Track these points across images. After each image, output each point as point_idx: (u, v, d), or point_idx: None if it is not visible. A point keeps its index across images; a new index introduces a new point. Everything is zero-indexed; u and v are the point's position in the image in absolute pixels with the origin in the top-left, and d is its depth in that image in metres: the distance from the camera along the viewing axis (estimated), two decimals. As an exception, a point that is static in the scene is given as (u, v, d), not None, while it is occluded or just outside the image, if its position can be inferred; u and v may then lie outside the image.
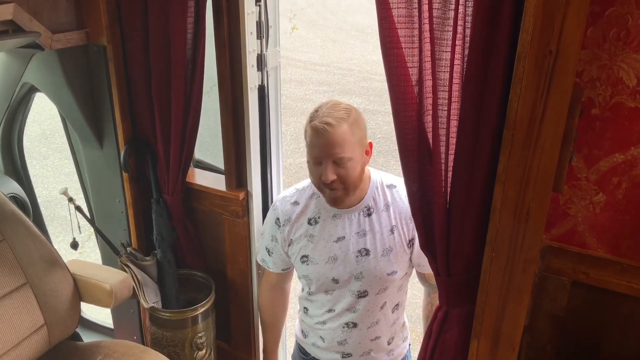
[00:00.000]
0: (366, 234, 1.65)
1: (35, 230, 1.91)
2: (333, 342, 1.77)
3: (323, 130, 1.51)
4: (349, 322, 1.72)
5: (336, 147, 1.52)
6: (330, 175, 1.55)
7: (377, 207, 1.65)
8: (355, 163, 1.56)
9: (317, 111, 1.56)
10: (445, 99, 1.28)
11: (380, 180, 1.67)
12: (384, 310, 1.72)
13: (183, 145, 1.98)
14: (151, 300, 2.10)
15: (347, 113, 1.54)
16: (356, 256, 1.65)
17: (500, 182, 1.16)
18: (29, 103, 2.37)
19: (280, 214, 1.73)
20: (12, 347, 1.79)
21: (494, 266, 1.25)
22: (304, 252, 1.70)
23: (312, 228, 1.68)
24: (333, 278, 1.68)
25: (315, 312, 1.78)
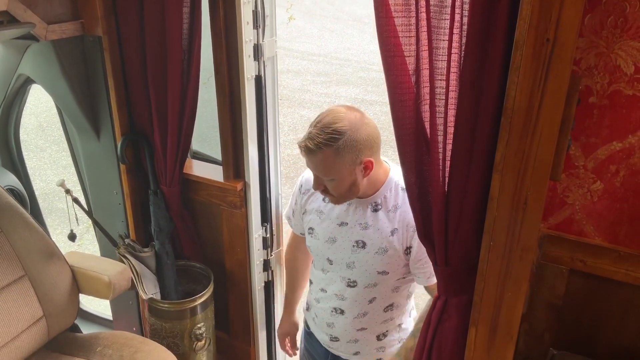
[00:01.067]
0: (368, 228, 1.64)
1: (32, 223, 1.91)
2: (323, 323, 1.80)
3: (305, 151, 1.52)
4: (337, 308, 1.73)
5: (315, 168, 1.55)
6: (316, 187, 1.60)
7: (386, 205, 1.64)
8: (341, 181, 1.54)
9: (313, 123, 1.52)
10: (443, 87, 1.28)
11: (397, 181, 1.64)
12: (373, 305, 1.71)
13: (180, 136, 1.97)
14: (150, 291, 2.10)
15: (338, 136, 1.47)
16: (352, 245, 1.65)
17: (498, 171, 1.16)
18: (25, 95, 2.36)
19: (305, 182, 1.76)
20: (12, 339, 1.79)
21: (491, 255, 1.25)
22: (311, 224, 1.73)
23: (324, 205, 1.71)
24: (328, 258, 1.70)
25: (313, 288, 1.82)
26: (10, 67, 2.12)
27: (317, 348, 1.89)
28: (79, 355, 1.90)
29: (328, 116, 1.51)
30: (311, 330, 1.90)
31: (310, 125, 1.53)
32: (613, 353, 1.44)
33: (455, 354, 1.48)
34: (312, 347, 1.92)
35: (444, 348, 1.52)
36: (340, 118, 1.50)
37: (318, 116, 1.53)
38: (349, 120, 1.49)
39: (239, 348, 2.40)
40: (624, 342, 1.41)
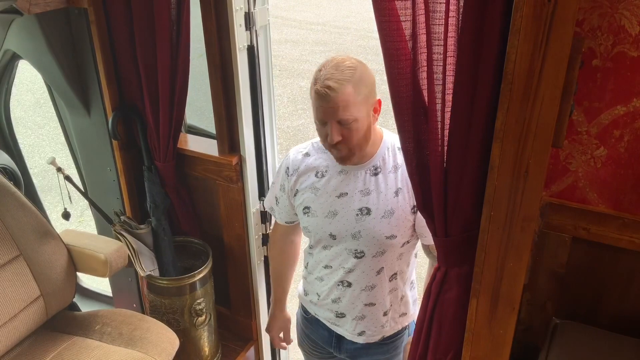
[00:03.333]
0: (370, 193, 1.62)
1: (25, 202, 1.88)
2: (328, 300, 1.76)
3: (325, 94, 1.48)
4: (344, 281, 1.71)
5: (339, 110, 1.49)
6: (335, 137, 1.53)
7: (385, 167, 1.62)
8: (361, 123, 1.53)
9: (320, 71, 1.51)
10: (440, 53, 1.23)
11: (392, 142, 1.64)
12: (381, 276, 1.69)
13: (172, 110, 1.93)
14: (148, 268, 2.08)
15: (352, 72, 1.49)
16: (356, 214, 1.62)
17: (498, 139, 1.13)
18: (13, 71, 2.31)
19: (291, 163, 1.72)
20: (9, 319, 1.78)
21: (492, 225, 1.22)
22: (306, 203, 1.69)
23: (318, 181, 1.67)
24: (331, 233, 1.66)
25: (313, 268, 1.78)
26: (-5, 43, 2.07)
27: (320, 331, 1.87)
28: (78, 334, 1.89)
29: (333, 60, 1.53)
30: (311, 313, 1.87)
31: (317, 74, 1.52)
32: (616, 321, 1.42)
33: (456, 325, 1.46)
34: (313, 332, 1.90)
35: (444, 319, 1.50)
36: (346, 58, 1.53)
37: (321, 66, 1.53)
38: (354, 60, 1.53)
39: (240, 322, 2.39)
40: (627, 310, 1.40)
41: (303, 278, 1.88)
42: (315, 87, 1.50)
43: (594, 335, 1.40)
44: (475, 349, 1.35)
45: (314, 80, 1.52)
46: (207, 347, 2.23)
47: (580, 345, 1.37)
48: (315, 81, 1.51)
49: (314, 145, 1.72)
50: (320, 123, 1.55)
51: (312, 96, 1.53)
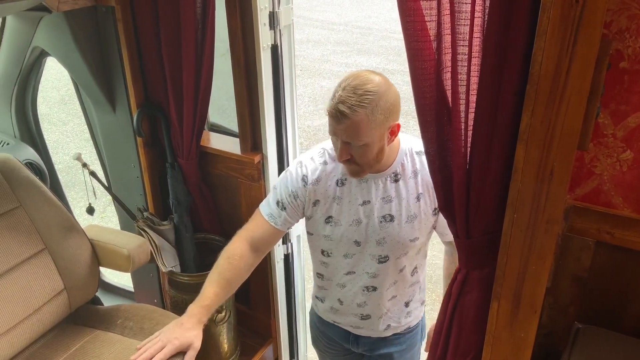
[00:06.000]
0: (392, 200, 1.61)
1: (51, 196, 1.91)
2: (352, 304, 1.75)
3: (335, 116, 1.46)
4: (369, 286, 1.70)
5: (348, 134, 1.47)
6: (342, 155, 1.51)
7: (405, 173, 1.61)
8: (370, 147, 1.50)
9: (340, 86, 1.47)
10: (465, 54, 1.22)
11: (410, 147, 1.62)
12: (403, 272, 1.71)
13: (196, 108, 1.95)
14: (169, 264, 2.11)
15: (370, 98, 1.44)
16: (380, 221, 1.62)
17: (523, 141, 1.12)
18: (41, 68, 2.35)
19: (309, 172, 1.66)
20: (33, 311, 1.81)
21: (515, 227, 1.21)
22: (329, 212, 1.66)
23: (340, 189, 1.64)
24: (355, 240, 1.65)
25: (332, 276, 1.76)
26: (25, 40, 2.11)
27: (338, 329, 1.87)
28: (101, 328, 1.92)
29: (356, 79, 1.46)
30: (328, 320, 1.86)
31: (336, 91, 1.47)
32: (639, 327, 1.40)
33: (476, 327, 1.45)
34: (330, 329, 1.89)
35: (464, 321, 1.49)
36: (369, 80, 1.46)
37: (343, 81, 1.48)
38: (377, 82, 1.46)
39: (259, 320, 2.41)
40: (652, 316, 1.37)
41: (318, 287, 1.85)
42: (330, 104, 1.47)
43: (616, 340, 1.38)
44: (496, 352, 1.34)
45: (332, 94, 1.48)
46: (226, 343, 2.24)
47: (603, 350, 1.36)
48: (332, 97, 1.47)
49: (329, 153, 1.67)
50: (332, 136, 1.53)
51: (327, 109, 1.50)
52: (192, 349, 1.63)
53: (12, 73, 2.32)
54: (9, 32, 2.18)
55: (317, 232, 1.71)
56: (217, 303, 1.68)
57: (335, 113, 1.45)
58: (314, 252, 1.77)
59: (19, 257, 1.82)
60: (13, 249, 1.81)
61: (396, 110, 1.50)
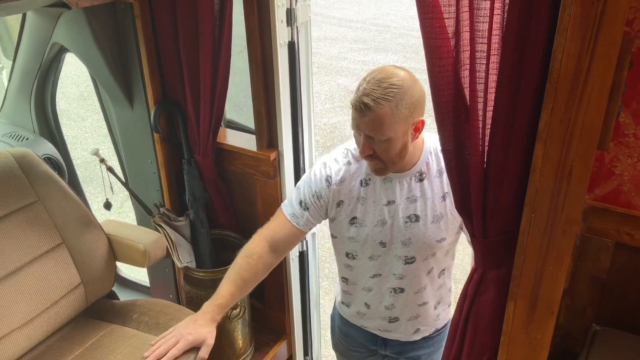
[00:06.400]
0: (417, 200, 1.59)
1: (69, 191, 1.93)
2: (380, 307, 1.74)
3: (359, 109, 1.44)
4: (396, 288, 1.68)
5: (371, 128, 1.46)
6: (365, 150, 1.50)
7: (430, 173, 1.59)
8: (394, 143, 1.48)
9: (365, 80, 1.46)
10: (484, 51, 1.21)
11: (435, 146, 1.59)
12: (431, 275, 1.68)
13: (213, 105, 1.96)
14: (185, 260, 2.12)
15: (394, 91, 1.42)
16: (405, 222, 1.60)
17: (542, 140, 1.10)
18: (60, 64, 2.37)
19: (333, 172, 1.64)
20: (50, 305, 1.83)
21: (532, 227, 1.20)
22: (353, 213, 1.65)
23: (364, 190, 1.63)
24: (381, 241, 1.63)
25: (358, 279, 1.74)
26: (44, 36, 2.13)
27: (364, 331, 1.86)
28: (116, 322, 1.94)
29: (381, 73, 1.45)
30: (357, 325, 1.85)
31: (360, 84, 1.46)
32: (660, 330, 1.38)
33: (492, 327, 1.44)
34: (355, 331, 1.88)
35: (480, 321, 1.48)
36: (394, 74, 1.45)
37: (368, 75, 1.47)
38: (402, 77, 1.45)
39: (273, 316, 2.41)
40: (671, 319, 1.35)
41: (343, 292, 1.83)
42: (354, 97, 1.46)
43: (634, 343, 1.36)
44: (511, 352, 1.33)
45: (356, 88, 1.47)
46: (240, 339, 2.25)
47: (620, 353, 1.34)
48: (356, 91, 1.46)
49: (353, 153, 1.66)
50: (355, 131, 1.52)
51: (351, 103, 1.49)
52: (205, 346, 1.64)
53: (32, 69, 2.35)
54: (29, 28, 2.21)
55: (342, 234, 1.69)
56: (232, 302, 1.69)
57: (359, 105, 1.44)
58: (339, 255, 1.75)
59: (37, 251, 1.84)
60: (31, 243, 1.83)
61: (421, 106, 1.49)
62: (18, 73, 2.42)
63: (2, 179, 1.81)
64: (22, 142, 2.45)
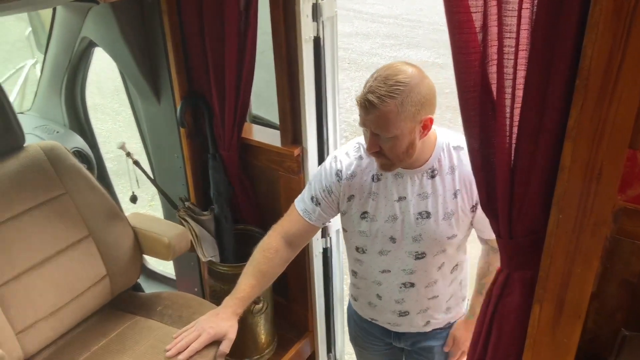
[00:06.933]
0: (428, 197, 1.58)
1: (96, 184, 1.96)
2: (390, 301, 1.73)
3: (364, 106, 1.43)
4: (406, 282, 1.68)
5: (376, 125, 1.45)
6: (371, 147, 1.49)
7: (442, 169, 1.57)
8: (400, 140, 1.46)
9: (372, 76, 1.45)
10: (512, 46, 1.17)
11: (447, 142, 1.58)
12: (442, 270, 1.67)
13: (237, 100, 1.96)
14: (209, 254, 2.13)
15: (401, 88, 1.41)
16: (416, 218, 1.59)
17: (571, 138, 1.07)
18: (89, 58, 2.41)
19: (344, 167, 1.64)
20: (76, 296, 1.86)
21: (560, 229, 1.17)
22: (364, 208, 1.64)
23: (375, 185, 1.62)
24: (391, 237, 1.63)
25: (367, 274, 1.74)
26: (74, 30, 2.16)
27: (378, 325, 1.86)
28: (141, 314, 1.96)
29: (388, 70, 1.44)
30: (367, 318, 1.86)
31: (367, 81, 1.45)
32: (693, 338, 1.33)
33: (517, 330, 1.41)
34: (370, 325, 1.88)
35: (504, 324, 1.45)
36: (402, 71, 1.43)
37: (375, 72, 1.46)
38: (410, 73, 1.43)
39: (297, 313, 2.41)
40: None
41: (353, 285, 1.84)
42: (360, 94, 1.45)
43: (666, 350, 1.31)
44: (536, 356, 1.30)
45: (364, 84, 1.46)
46: (263, 334, 2.26)
47: (651, 360, 1.30)
48: (364, 87, 1.45)
49: (365, 147, 1.64)
50: (362, 127, 1.51)
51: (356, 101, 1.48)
52: (226, 339, 1.65)
53: (62, 63, 2.39)
54: (58, 22, 2.25)
55: (353, 228, 1.69)
56: (252, 295, 1.69)
57: (364, 103, 1.42)
58: (349, 249, 1.76)
59: (64, 243, 1.87)
60: (59, 235, 1.86)
61: (429, 103, 1.46)
62: (49, 67, 2.46)
63: (31, 171, 1.84)
64: (53, 135, 2.49)
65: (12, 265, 1.74)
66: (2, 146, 1.83)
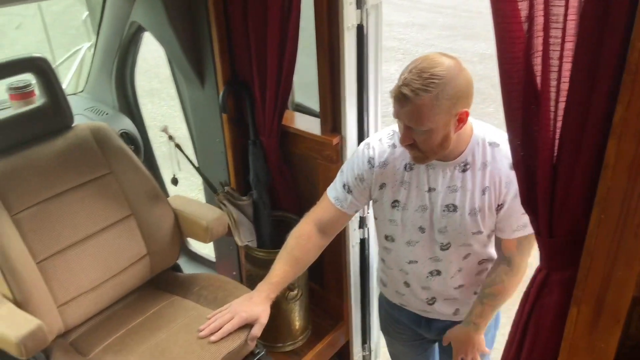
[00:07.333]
0: (457, 190, 1.55)
1: (140, 166, 2.00)
2: (418, 288, 1.73)
3: (398, 98, 1.40)
4: (433, 271, 1.67)
5: (409, 118, 1.42)
6: (404, 140, 1.47)
7: (474, 164, 1.54)
8: (434, 134, 1.43)
9: (407, 68, 1.42)
10: (558, 37, 1.13)
11: (483, 137, 1.54)
12: (468, 260, 1.65)
13: (279, 86, 1.96)
14: (246, 238, 2.15)
15: (436, 82, 1.37)
16: (442, 210, 1.57)
17: (615, 135, 1.02)
18: (139, 42, 2.46)
19: (377, 155, 1.62)
20: (117, 273, 1.92)
21: (601, 229, 1.12)
22: (396, 196, 1.62)
23: (408, 174, 1.60)
24: (420, 226, 1.62)
25: (395, 263, 1.73)
26: (124, 15, 2.21)
27: (408, 313, 1.85)
28: (178, 294, 2.00)
29: (424, 62, 1.40)
30: (395, 303, 1.85)
31: (402, 73, 1.42)
32: None
33: (555, 332, 1.37)
34: (400, 314, 1.88)
35: (542, 325, 1.42)
36: (438, 63, 1.39)
37: (411, 63, 1.43)
38: (447, 66, 1.39)
39: (332, 302, 2.41)
40: None
41: (381, 271, 1.84)
42: (394, 87, 1.42)
43: None
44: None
45: (399, 76, 1.43)
46: (297, 321, 2.27)
47: (697, 371, 1.23)
48: (399, 79, 1.42)
49: (399, 136, 1.60)
50: (396, 119, 1.48)
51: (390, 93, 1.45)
52: (258, 324, 1.67)
53: (112, 47, 2.44)
54: (109, 6, 2.30)
55: (383, 216, 1.68)
56: (285, 281, 1.70)
57: (398, 96, 1.40)
58: (379, 237, 1.75)
59: (107, 221, 1.93)
60: (103, 213, 1.92)
61: (465, 96, 1.42)
62: (100, 50, 2.53)
63: (78, 150, 1.90)
64: (102, 116, 2.57)
65: (57, 240, 1.80)
66: (52, 126, 1.89)
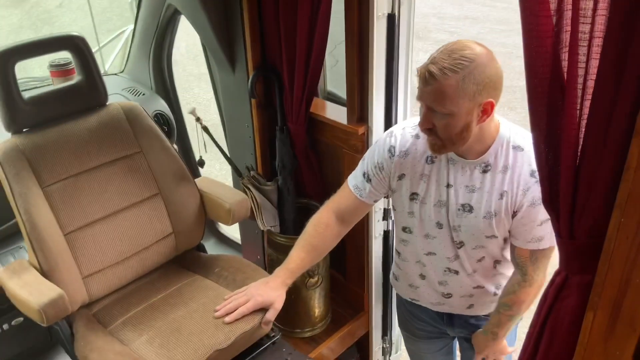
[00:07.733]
0: (475, 191, 1.52)
1: (169, 146, 2.04)
2: (434, 282, 1.71)
3: (424, 77, 1.37)
4: (450, 269, 1.66)
5: (433, 99, 1.38)
6: (424, 123, 1.43)
7: (496, 166, 1.50)
8: (457, 120, 1.39)
9: (438, 50, 1.39)
10: (586, 32, 1.09)
11: (508, 138, 1.50)
12: (483, 262, 1.63)
13: (307, 74, 1.96)
14: (268, 223, 2.17)
15: (465, 64, 1.34)
16: (458, 209, 1.54)
17: (638, 136, 0.98)
18: (175, 25, 2.49)
19: (398, 144, 1.60)
20: (142, 249, 1.97)
21: (620, 233, 1.09)
22: (414, 189, 1.60)
23: (429, 167, 1.58)
24: (438, 222, 1.60)
25: (411, 255, 1.72)
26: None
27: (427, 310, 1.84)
28: (200, 273, 2.04)
29: (456, 44, 1.38)
30: (406, 297, 1.84)
31: (432, 54, 1.40)
32: None
33: (571, 336, 1.34)
34: (421, 310, 1.86)
35: (558, 328, 1.39)
36: (469, 47, 1.36)
37: (443, 45, 1.40)
38: (478, 52, 1.36)
39: (353, 291, 2.41)
40: None
41: (395, 264, 1.82)
42: (421, 65, 1.39)
43: None
44: (585, 366, 1.23)
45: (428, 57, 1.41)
46: (317, 308, 2.28)
47: None
48: (427, 59, 1.40)
49: None
50: (419, 101, 1.45)
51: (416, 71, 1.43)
52: (272, 308, 1.69)
53: (150, 29, 2.49)
54: (147, -11, 2.34)
55: (402, 208, 1.66)
56: (302, 267, 1.71)
57: (424, 73, 1.37)
58: (397, 228, 1.74)
59: (135, 198, 1.97)
60: (131, 190, 1.97)
61: (493, 86, 1.38)
62: (139, 33, 2.58)
63: (110, 128, 1.95)
64: (138, 97, 2.62)
65: (85, 214, 1.86)
66: (87, 103, 1.94)
